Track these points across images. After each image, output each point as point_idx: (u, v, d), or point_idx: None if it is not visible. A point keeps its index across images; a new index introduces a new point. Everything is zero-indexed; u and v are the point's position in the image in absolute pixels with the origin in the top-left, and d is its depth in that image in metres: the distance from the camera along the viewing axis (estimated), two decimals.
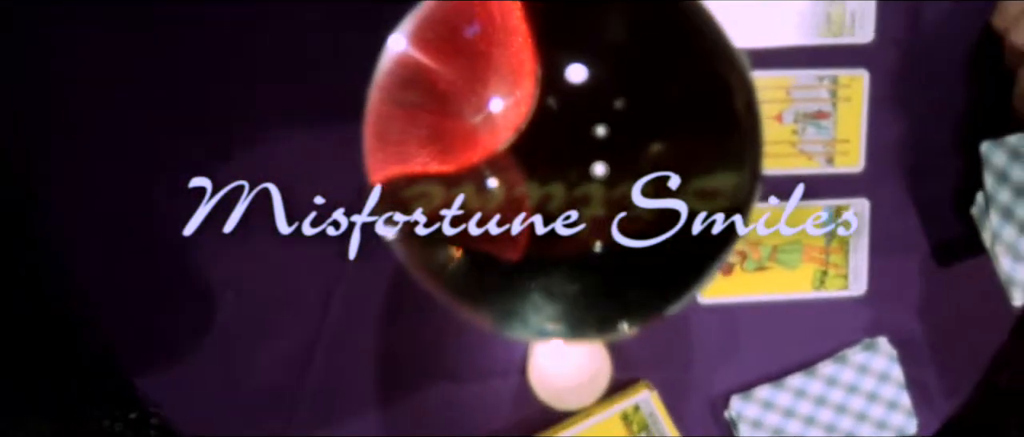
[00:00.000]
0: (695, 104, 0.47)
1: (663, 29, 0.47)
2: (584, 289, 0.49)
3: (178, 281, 0.68)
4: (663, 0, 0.48)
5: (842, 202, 0.70)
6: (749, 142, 0.46)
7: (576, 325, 0.52)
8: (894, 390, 0.72)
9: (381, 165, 0.47)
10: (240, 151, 0.65)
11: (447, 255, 0.48)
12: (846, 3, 0.67)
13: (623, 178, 0.44)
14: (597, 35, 0.46)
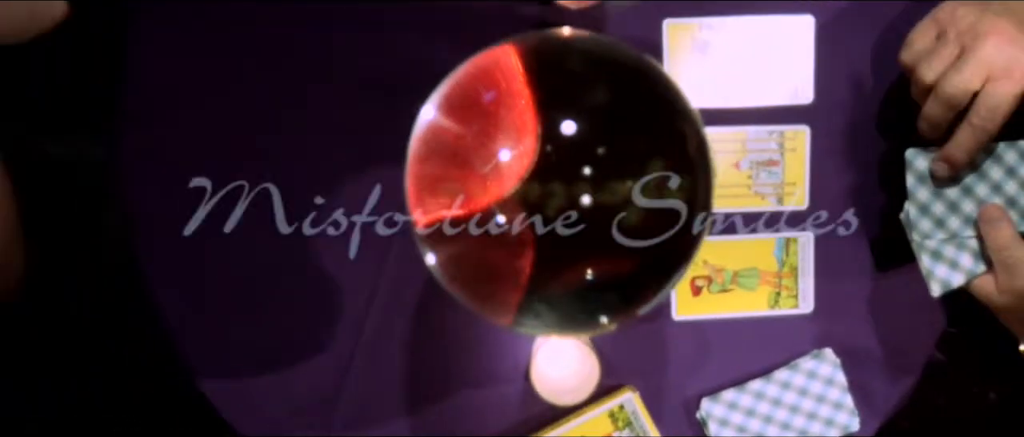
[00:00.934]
0: (658, 149, 0.61)
1: (634, 93, 0.62)
2: (577, 299, 0.63)
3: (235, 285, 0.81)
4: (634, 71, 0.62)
5: (791, 235, 0.84)
6: (701, 175, 0.60)
7: (570, 325, 0.66)
8: (838, 393, 0.85)
9: (422, 214, 0.61)
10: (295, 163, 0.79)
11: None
12: (790, 72, 0.82)
13: (605, 206, 0.57)
14: (583, 98, 0.60)
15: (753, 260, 0.84)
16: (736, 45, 0.81)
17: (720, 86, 0.82)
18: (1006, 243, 0.75)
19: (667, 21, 0.81)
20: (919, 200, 0.77)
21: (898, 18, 0.81)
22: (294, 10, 0.79)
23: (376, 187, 0.80)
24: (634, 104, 0.62)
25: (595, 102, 0.61)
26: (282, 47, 0.79)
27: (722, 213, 0.83)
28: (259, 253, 0.81)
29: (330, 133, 0.81)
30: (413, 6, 0.80)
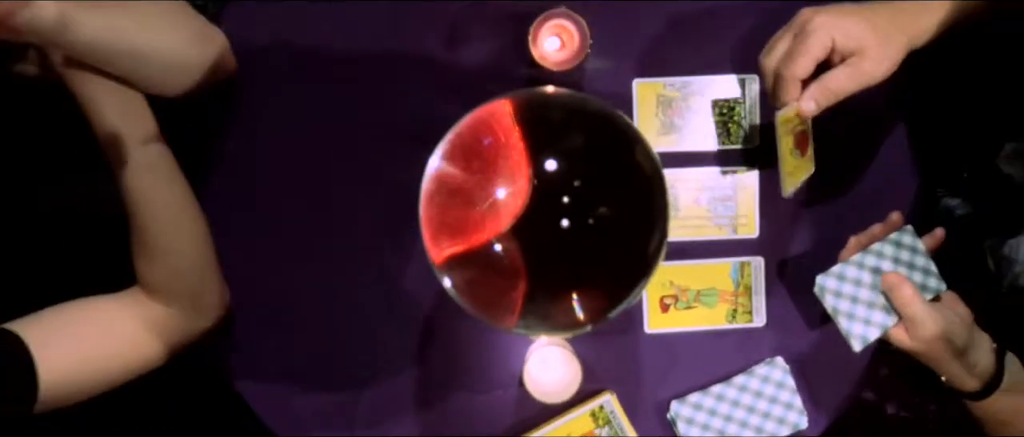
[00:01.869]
0: (623, 183, 0.75)
1: (603, 138, 0.76)
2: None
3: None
4: (603, 121, 0.77)
5: (745, 260, 0.99)
6: (659, 199, 0.75)
7: (555, 329, 0.80)
8: (789, 395, 0.99)
9: (437, 253, 0.75)
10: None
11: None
12: (743, 123, 0.98)
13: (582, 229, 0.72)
14: (563, 142, 0.75)
15: (713, 281, 0.99)
16: (696, 101, 0.97)
17: (684, 136, 0.97)
18: (909, 300, 0.89)
19: (636, 80, 0.97)
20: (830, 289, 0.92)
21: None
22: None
23: (394, 220, 0.95)
24: (603, 146, 0.77)
25: (572, 145, 0.76)
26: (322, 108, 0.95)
27: (686, 240, 0.98)
28: (295, 274, 0.96)
29: (353, 180, 0.96)
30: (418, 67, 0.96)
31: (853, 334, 0.92)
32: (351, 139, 0.97)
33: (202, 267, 0.88)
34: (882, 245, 0.92)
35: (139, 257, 0.85)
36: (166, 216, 0.84)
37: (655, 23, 0.97)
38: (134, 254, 0.85)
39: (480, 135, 0.77)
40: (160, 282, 0.85)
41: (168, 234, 0.84)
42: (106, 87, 0.79)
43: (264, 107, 0.96)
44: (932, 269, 0.92)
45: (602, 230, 0.74)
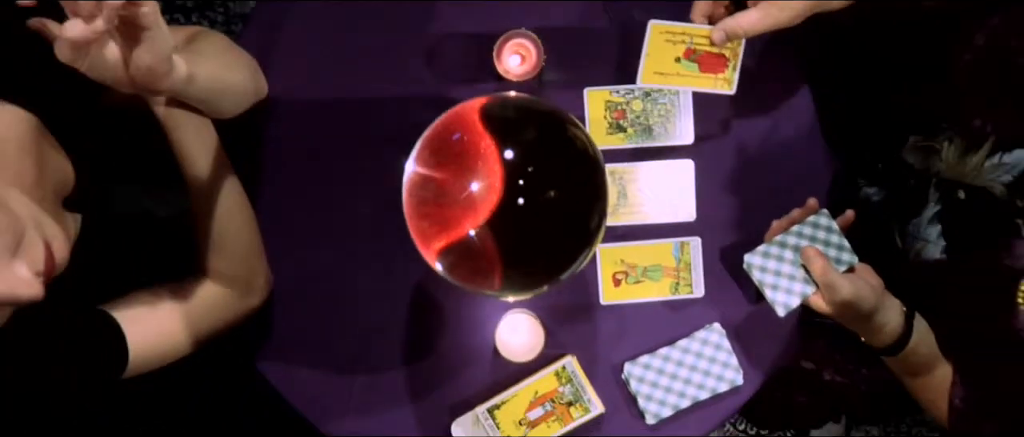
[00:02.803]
0: (572, 167, 0.92)
1: (556, 133, 0.93)
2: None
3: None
4: (553, 117, 0.94)
5: (684, 240, 1.15)
6: (602, 185, 0.91)
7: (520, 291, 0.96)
8: (726, 355, 1.15)
9: (426, 249, 0.91)
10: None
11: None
12: (679, 123, 1.15)
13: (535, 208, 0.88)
14: (522, 135, 0.92)
15: (657, 259, 1.16)
16: (639, 104, 1.14)
17: (629, 134, 1.14)
18: (823, 270, 1.05)
19: (586, 89, 1.14)
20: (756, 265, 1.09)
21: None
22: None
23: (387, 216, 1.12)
24: (553, 139, 0.94)
25: (527, 137, 0.93)
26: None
27: (634, 224, 1.15)
28: (305, 264, 1.13)
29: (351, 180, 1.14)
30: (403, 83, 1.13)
31: (777, 302, 1.08)
32: (349, 145, 1.15)
33: (254, 254, 1.07)
34: (801, 226, 1.09)
35: (205, 248, 1.02)
36: (228, 214, 1.02)
37: (601, 40, 1.15)
38: (200, 246, 1.02)
39: (451, 132, 0.94)
40: (222, 268, 1.03)
41: (229, 228, 1.02)
42: (185, 116, 0.96)
43: (276, 120, 1.14)
44: (845, 245, 1.09)
45: (553, 208, 0.91)
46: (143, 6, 0.77)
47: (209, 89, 0.94)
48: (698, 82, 1.07)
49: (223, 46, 1.03)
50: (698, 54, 1.06)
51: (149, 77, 0.82)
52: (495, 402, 1.13)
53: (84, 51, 0.78)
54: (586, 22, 1.15)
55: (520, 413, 1.13)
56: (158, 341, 0.99)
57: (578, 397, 1.14)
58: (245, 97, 1.05)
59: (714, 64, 1.07)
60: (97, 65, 0.79)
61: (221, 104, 0.99)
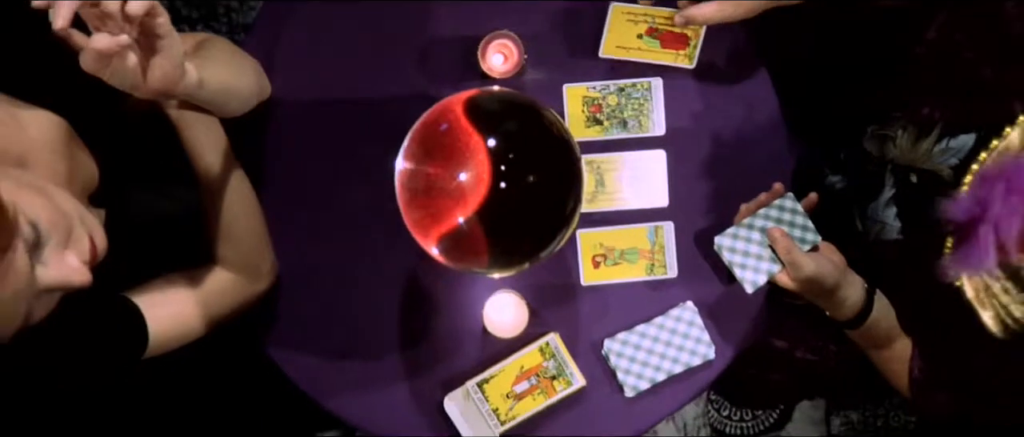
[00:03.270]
0: (549, 154, 1.01)
1: (532, 122, 1.02)
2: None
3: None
4: (532, 109, 1.03)
5: (658, 224, 1.24)
6: (577, 174, 1.00)
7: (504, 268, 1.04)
8: (698, 331, 1.24)
9: (424, 240, 1.00)
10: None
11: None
12: (652, 116, 1.23)
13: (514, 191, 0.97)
14: (503, 125, 1.00)
15: (634, 242, 1.24)
16: (614, 99, 1.23)
17: (606, 126, 1.23)
18: (788, 249, 1.14)
19: (565, 85, 1.23)
20: (726, 246, 1.17)
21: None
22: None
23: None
24: (532, 129, 1.03)
25: (508, 128, 1.02)
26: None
27: (611, 210, 1.24)
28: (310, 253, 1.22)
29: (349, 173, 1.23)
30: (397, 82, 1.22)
31: (746, 279, 1.17)
32: (347, 141, 1.24)
33: (260, 242, 1.16)
34: (768, 209, 1.18)
35: (215, 238, 1.11)
36: (235, 205, 1.11)
37: (578, 39, 1.24)
38: (210, 236, 1.11)
39: (438, 125, 1.03)
40: (230, 256, 1.12)
41: (237, 218, 1.11)
42: (196, 116, 1.05)
43: (279, 119, 1.23)
44: (809, 226, 1.18)
45: (534, 192, 0.99)
46: (158, 17, 0.86)
47: (217, 91, 1.03)
48: (659, 57, 1.18)
49: (229, 51, 1.12)
50: (660, 32, 1.17)
51: (164, 82, 0.91)
52: (484, 377, 1.22)
53: (107, 61, 0.87)
54: (564, 23, 1.24)
55: (507, 387, 1.22)
56: (175, 323, 1.07)
57: (561, 371, 1.22)
58: (250, 98, 1.14)
59: (675, 42, 1.18)
60: (118, 73, 0.88)
61: (228, 105, 1.08)
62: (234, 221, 1.11)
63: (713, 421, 1.97)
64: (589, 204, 1.24)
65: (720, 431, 1.97)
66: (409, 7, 1.24)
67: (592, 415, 1.24)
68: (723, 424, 1.98)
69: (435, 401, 1.23)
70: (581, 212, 1.21)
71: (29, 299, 0.79)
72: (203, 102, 1.03)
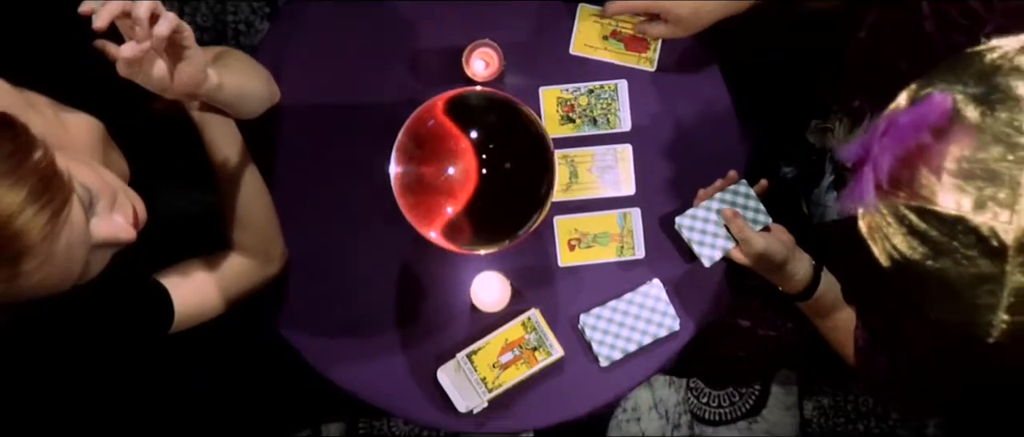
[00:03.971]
0: (524, 148, 1.16)
1: (509, 118, 1.17)
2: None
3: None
4: (510, 106, 1.18)
5: (626, 210, 1.39)
6: (549, 162, 1.15)
7: (488, 245, 1.19)
8: (664, 306, 1.38)
9: (421, 226, 1.15)
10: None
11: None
12: (619, 114, 1.38)
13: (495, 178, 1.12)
14: (482, 121, 1.15)
15: (605, 227, 1.39)
16: (585, 100, 1.38)
17: (578, 125, 1.38)
18: (741, 227, 1.29)
19: (541, 88, 1.38)
20: (685, 225, 1.32)
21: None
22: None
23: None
24: (510, 123, 1.18)
25: (489, 122, 1.17)
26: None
27: (584, 198, 1.39)
28: (316, 241, 1.37)
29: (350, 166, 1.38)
30: (391, 86, 1.37)
31: (703, 255, 1.31)
32: (346, 141, 1.40)
33: (271, 229, 1.30)
34: (723, 194, 1.33)
35: (231, 226, 1.26)
36: (250, 195, 1.26)
37: (553, 47, 1.39)
38: (226, 224, 1.26)
39: (425, 121, 1.18)
40: (245, 241, 1.27)
41: (251, 207, 1.26)
42: (215, 117, 1.21)
43: (287, 121, 1.38)
44: (761, 208, 1.33)
45: (510, 177, 1.14)
46: (183, 32, 1.02)
47: (234, 94, 1.18)
48: (624, 58, 1.34)
49: (244, 61, 1.28)
50: (623, 36, 1.34)
51: (189, 84, 1.07)
52: (472, 349, 1.36)
53: (138, 66, 1.02)
54: (540, 33, 1.40)
55: (494, 357, 1.36)
56: (197, 302, 1.22)
57: (541, 343, 1.36)
58: (262, 102, 1.29)
59: (638, 45, 1.34)
60: (149, 77, 1.04)
61: (243, 107, 1.23)
62: (248, 210, 1.25)
63: (693, 407, 2.11)
64: (564, 193, 1.39)
65: (700, 416, 2.11)
66: (400, 21, 1.40)
67: (570, 383, 1.39)
68: (702, 410, 2.11)
69: (429, 372, 1.37)
70: (558, 201, 1.39)
71: (85, 253, 0.93)
72: (221, 104, 1.18)
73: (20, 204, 0.83)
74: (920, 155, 0.80)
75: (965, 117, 0.79)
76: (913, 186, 0.81)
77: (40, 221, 0.85)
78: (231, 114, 1.22)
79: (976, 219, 0.77)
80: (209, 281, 1.24)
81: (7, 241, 0.84)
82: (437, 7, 1.40)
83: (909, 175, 0.81)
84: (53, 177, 0.87)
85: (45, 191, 0.85)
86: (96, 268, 0.97)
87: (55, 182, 0.87)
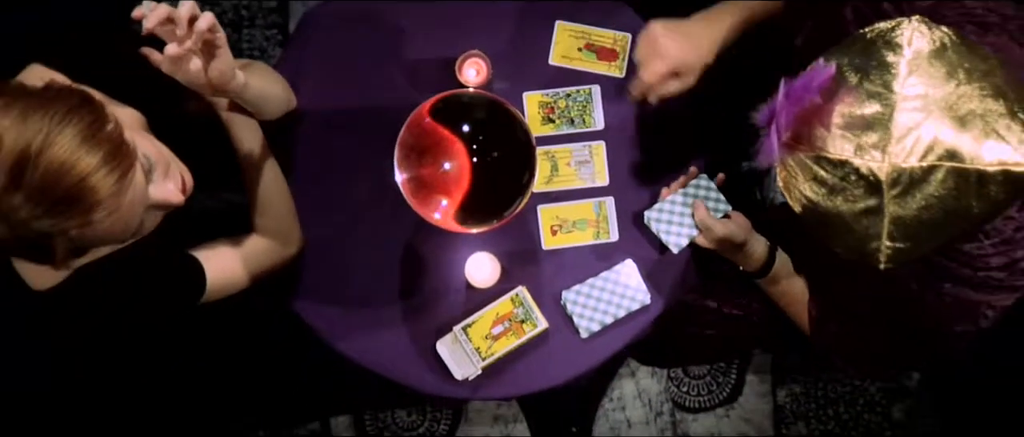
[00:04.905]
0: (508, 141, 1.34)
1: (496, 115, 1.36)
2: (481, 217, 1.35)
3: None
4: (497, 105, 1.37)
5: (601, 199, 1.57)
6: (532, 156, 1.34)
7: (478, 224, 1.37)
8: (636, 283, 1.56)
9: (432, 213, 1.33)
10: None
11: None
12: (593, 114, 1.58)
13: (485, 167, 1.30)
14: (471, 117, 1.34)
15: (582, 214, 1.58)
16: (563, 102, 1.57)
17: (557, 124, 1.58)
18: (703, 215, 1.48)
19: (525, 93, 1.58)
20: (652, 218, 1.51)
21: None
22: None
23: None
24: (497, 119, 1.36)
25: (478, 117, 1.35)
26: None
27: (564, 189, 1.57)
28: (328, 227, 1.55)
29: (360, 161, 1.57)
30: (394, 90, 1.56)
31: (671, 243, 1.50)
32: (354, 139, 1.59)
33: (289, 215, 1.49)
34: (685, 188, 1.52)
35: (254, 211, 1.45)
36: (270, 185, 1.45)
37: (535, 57, 1.59)
38: (250, 209, 1.45)
39: (415, 130, 1.36)
40: (266, 225, 1.46)
41: (271, 195, 1.45)
42: (240, 117, 1.40)
43: (302, 123, 1.57)
44: (721, 198, 1.51)
45: (497, 166, 1.33)
46: (217, 33, 1.21)
47: (258, 95, 1.37)
48: (596, 67, 1.54)
49: (266, 68, 1.47)
50: (595, 47, 1.53)
51: (220, 80, 1.26)
52: (467, 322, 1.54)
53: (179, 63, 1.21)
54: (523, 45, 1.60)
55: (486, 329, 1.54)
56: (225, 276, 1.40)
57: (528, 316, 1.54)
58: (280, 105, 1.48)
59: (608, 55, 1.53)
60: (188, 73, 1.23)
61: (266, 108, 1.42)
62: (268, 197, 1.44)
63: (674, 396, 2.28)
64: (546, 185, 1.58)
65: (680, 404, 2.28)
66: (400, 35, 1.60)
67: (554, 352, 1.57)
68: (683, 398, 2.28)
69: (429, 344, 1.55)
70: (541, 192, 1.57)
71: (143, 211, 1.12)
72: (247, 103, 1.37)
73: (96, 165, 1.02)
74: (813, 113, 1.00)
75: (848, 80, 0.99)
76: (810, 139, 1.00)
77: (111, 180, 1.03)
78: (255, 115, 1.41)
79: (857, 161, 0.97)
80: (236, 258, 1.42)
81: (83, 194, 1.02)
82: (433, 23, 1.61)
83: (806, 131, 1.01)
84: (122, 145, 1.06)
85: (115, 156, 1.04)
86: (149, 226, 1.16)
87: (123, 149, 1.05)
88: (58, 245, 1.05)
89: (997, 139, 0.97)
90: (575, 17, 1.59)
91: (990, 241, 1.15)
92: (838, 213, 1.00)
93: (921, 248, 1.03)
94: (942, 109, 0.97)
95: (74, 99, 1.05)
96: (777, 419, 2.29)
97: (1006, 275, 1.18)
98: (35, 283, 1.22)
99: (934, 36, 1.01)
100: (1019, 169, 0.97)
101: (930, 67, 0.99)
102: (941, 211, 0.99)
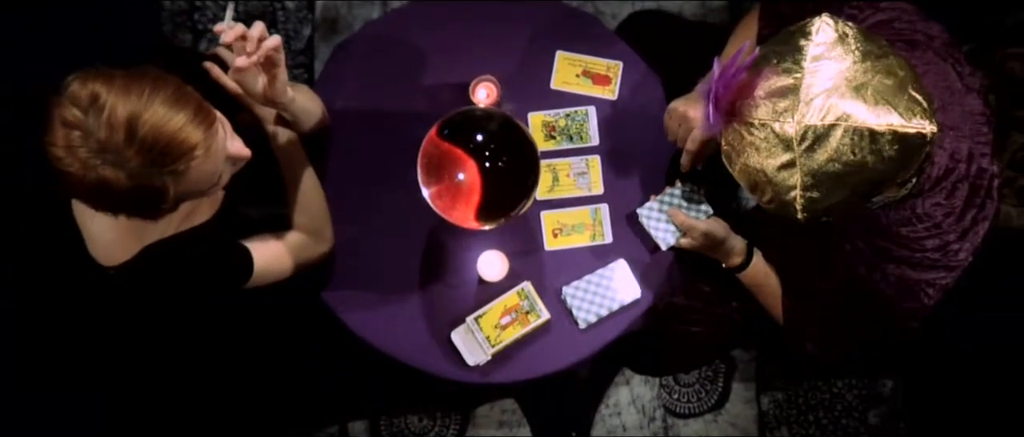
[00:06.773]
0: (515, 151, 1.56)
1: (508, 130, 1.57)
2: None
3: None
4: (508, 120, 1.58)
5: (597, 206, 1.78)
6: (536, 164, 1.55)
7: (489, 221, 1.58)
8: (628, 279, 1.76)
9: (450, 217, 1.54)
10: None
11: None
12: (589, 132, 1.79)
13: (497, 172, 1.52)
14: (483, 130, 1.56)
15: (580, 219, 1.79)
16: (563, 121, 1.79)
17: (558, 140, 1.79)
18: (683, 220, 1.69)
19: (530, 113, 1.80)
20: (644, 215, 1.72)
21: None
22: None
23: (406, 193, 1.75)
24: (506, 131, 1.58)
25: (492, 127, 1.57)
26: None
27: (564, 197, 1.78)
28: (357, 230, 1.76)
29: (386, 171, 1.78)
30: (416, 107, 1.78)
31: (659, 238, 1.71)
32: (380, 151, 1.80)
33: (323, 214, 1.70)
34: (673, 190, 1.73)
35: (293, 209, 1.66)
36: (308, 187, 1.66)
37: (539, 82, 1.81)
38: (289, 209, 1.66)
39: (429, 151, 1.56)
40: (303, 223, 1.67)
41: (308, 196, 1.66)
42: (283, 130, 1.62)
43: (335, 137, 1.79)
44: (704, 201, 1.72)
45: (506, 171, 1.53)
46: (281, 50, 1.43)
47: (300, 109, 1.59)
48: (592, 90, 1.76)
49: (308, 89, 1.70)
50: (591, 74, 1.75)
51: (275, 92, 1.49)
52: (479, 313, 1.73)
53: (244, 74, 1.43)
54: (528, 71, 1.82)
55: (496, 320, 1.73)
56: (269, 264, 1.60)
57: (533, 308, 1.74)
58: (316, 119, 1.69)
59: (602, 81, 1.75)
60: (249, 85, 1.45)
61: (306, 122, 1.64)
62: (305, 198, 1.65)
63: (665, 402, 2.45)
64: (548, 193, 1.79)
65: (672, 410, 2.45)
66: (421, 62, 1.83)
67: (556, 341, 1.76)
68: (674, 404, 2.46)
69: (444, 333, 1.74)
70: (543, 199, 1.78)
71: (222, 162, 1.33)
72: (291, 115, 1.59)
73: (185, 120, 1.24)
74: (742, 89, 1.23)
75: (769, 60, 1.23)
76: (740, 111, 1.23)
77: (199, 133, 1.25)
78: (295, 127, 1.63)
79: (775, 125, 1.20)
80: (279, 247, 1.63)
81: (177, 145, 1.23)
82: (449, 51, 1.84)
83: (738, 104, 1.24)
84: (202, 104, 1.28)
85: (199, 112, 1.26)
86: (225, 179, 1.38)
87: (204, 107, 1.28)
88: (169, 187, 1.26)
89: (885, 105, 1.21)
90: (573, 47, 1.82)
91: (923, 225, 1.37)
92: (762, 169, 1.24)
93: (830, 198, 1.25)
94: (841, 80, 1.21)
95: (154, 71, 1.27)
96: (762, 424, 2.46)
97: (940, 256, 1.39)
98: (104, 260, 1.43)
99: (838, 27, 1.25)
100: (904, 130, 1.20)
101: (833, 49, 1.23)
102: (842, 164, 1.22)
